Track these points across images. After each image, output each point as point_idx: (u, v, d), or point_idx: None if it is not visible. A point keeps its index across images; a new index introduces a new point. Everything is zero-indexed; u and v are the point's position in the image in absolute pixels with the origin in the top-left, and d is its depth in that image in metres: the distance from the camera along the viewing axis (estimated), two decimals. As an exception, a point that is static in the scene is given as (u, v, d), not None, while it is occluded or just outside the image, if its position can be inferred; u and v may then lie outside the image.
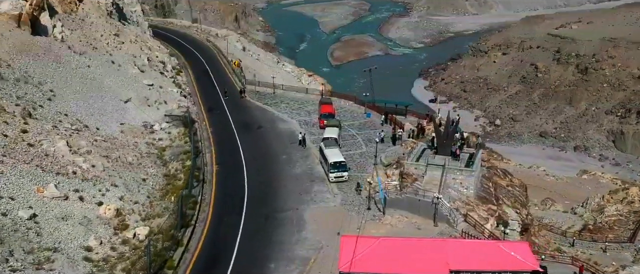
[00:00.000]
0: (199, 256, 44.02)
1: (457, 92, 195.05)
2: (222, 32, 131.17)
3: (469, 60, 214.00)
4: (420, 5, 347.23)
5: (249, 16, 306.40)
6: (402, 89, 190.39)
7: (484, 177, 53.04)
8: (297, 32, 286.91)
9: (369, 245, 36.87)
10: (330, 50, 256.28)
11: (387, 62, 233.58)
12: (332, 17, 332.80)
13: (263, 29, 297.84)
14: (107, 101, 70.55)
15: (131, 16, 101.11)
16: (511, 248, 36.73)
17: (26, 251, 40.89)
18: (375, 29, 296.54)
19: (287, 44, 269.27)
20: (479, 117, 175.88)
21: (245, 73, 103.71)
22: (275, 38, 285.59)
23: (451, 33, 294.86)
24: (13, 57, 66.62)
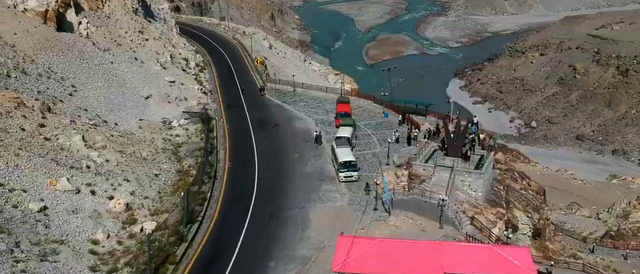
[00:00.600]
0: (202, 252, 44.34)
1: (492, 92, 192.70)
2: (249, 30, 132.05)
3: (506, 60, 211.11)
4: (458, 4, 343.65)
5: (285, 14, 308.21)
6: (437, 89, 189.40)
7: (495, 180, 52.11)
8: (332, 31, 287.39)
9: (364, 246, 36.61)
10: (365, 49, 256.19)
11: (423, 61, 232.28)
12: (368, 15, 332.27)
13: (299, 27, 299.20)
14: (128, 97, 71.79)
15: (158, 14, 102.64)
16: (509, 253, 36.00)
17: (33, 242, 41.81)
18: (411, 28, 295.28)
19: (322, 42, 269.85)
20: (515, 118, 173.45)
21: (271, 71, 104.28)
22: (310, 36, 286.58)
23: (489, 33, 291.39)
24: (37, 53, 68.35)
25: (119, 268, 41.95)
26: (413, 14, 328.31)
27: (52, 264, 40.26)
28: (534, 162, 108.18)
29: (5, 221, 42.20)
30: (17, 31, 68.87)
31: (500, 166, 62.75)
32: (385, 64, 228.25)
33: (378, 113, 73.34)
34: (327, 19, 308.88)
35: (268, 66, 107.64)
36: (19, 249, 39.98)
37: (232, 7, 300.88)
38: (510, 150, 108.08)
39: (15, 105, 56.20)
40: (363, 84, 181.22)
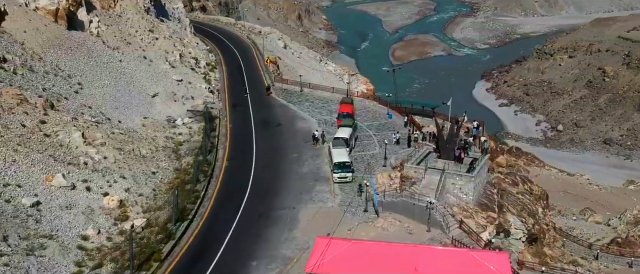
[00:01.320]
0: (188, 249, 44.71)
1: (519, 95, 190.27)
2: (265, 29, 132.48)
3: (534, 62, 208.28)
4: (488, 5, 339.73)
5: (312, 14, 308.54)
6: (463, 90, 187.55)
7: (489, 183, 51.36)
8: (359, 31, 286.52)
9: (339, 248, 36.50)
10: (391, 49, 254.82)
11: (450, 63, 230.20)
12: (396, 16, 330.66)
13: (325, 27, 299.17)
14: (134, 95, 72.67)
15: (173, 13, 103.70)
16: (487, 258, 35.50)
17: (22, 237, 42.60)
18: (439, 29, 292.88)
19: (348, 42, 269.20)
20: (541, 121, 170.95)
21: (284, 71, 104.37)
22: (337, 36, 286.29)
23: (518, 34, 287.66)
24: (45, 51, 69.63)
25: (104, 264, 42.53)
26: (441, 15, 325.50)
27: (38, 258, 40.96)
28: (549, 166, 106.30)
29: (-6, 215, 43.08)
30: (27, 29, 70.25)
31: (502, 170, 61.89)
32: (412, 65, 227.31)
33: (382, 114, 72.89)
34: (354, 20, 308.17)
35: (281, 66, 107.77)
36: (6, 243, 40.75)
37: (260, 7, 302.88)
38: (525, 153, 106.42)
39: (17, 102, 57.30)
40: (388, 85, 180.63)
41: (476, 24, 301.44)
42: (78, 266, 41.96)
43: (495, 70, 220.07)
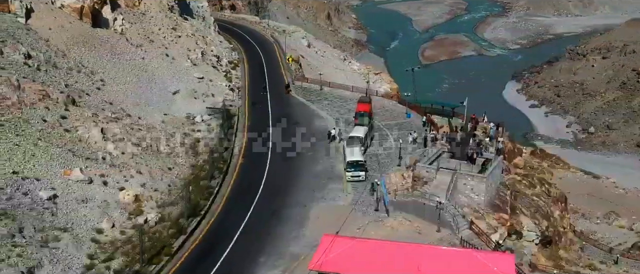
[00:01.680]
0: (198, 245, 45.30)
1: (550, 96, 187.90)
2: (290, 28, 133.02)
3: (566, 63, 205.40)
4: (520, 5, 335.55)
5: (341, 13, 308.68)
6: (493, 91, 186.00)
7: (502, 184, 50.84)
8: (389, 30, 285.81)
9: (343, 246, 36.59)
10: (421, 49, 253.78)
11: (480, 63, 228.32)
12: (426, 15, 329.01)
13: (355, 26, 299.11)
14: (156, 92, 73.77)
15: (197, 11, 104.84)
16: (490, 259, 35.22)
17: (37, 229, 43.65)
18: (470, 28, 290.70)
19: (378, 41, 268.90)
20: (572, 123, 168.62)
21: (307, 69, 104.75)
22: (366, 35, 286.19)
23: (550, 35, 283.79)
24: (70, 48, 71.12)
25: (115, 257, 43.32)
26: (472, 15, 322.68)
27: (51, 250, 41.94)
28: (574, 168, 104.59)
29: (12, 207, 44.25)
30: (52, 26, 71.82)
31: (519, 171, 61.23)
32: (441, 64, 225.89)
33: (401, 114, 72.66)
34: (384, 19, 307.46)
35: (304, 65, 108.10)
36: (21, 234, 41.81)
37: (289, 6, 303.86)
38: (550, 155, 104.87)
39: (40, 97, 58.69)
40: (417, 84, 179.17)
41: (508, 24, 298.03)
42: (90, 258, 42.83)
43: (526, 71, 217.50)
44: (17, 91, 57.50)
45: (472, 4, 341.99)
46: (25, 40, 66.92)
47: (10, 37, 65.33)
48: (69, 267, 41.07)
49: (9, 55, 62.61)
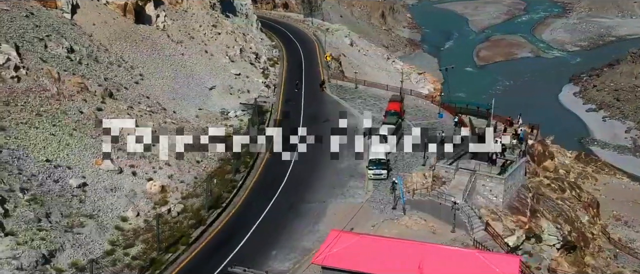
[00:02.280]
0: (215, 235, 46.56)
1: (609, 100, 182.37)
2: (334, 26, 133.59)
3: (627, 66, 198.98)
4: (581, 6, 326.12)
5: (396, 13, 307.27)
6: (549, 94, 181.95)
7: (524, 187, 50.10)
8: (444, 30, 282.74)
9: (348, 241, 37.08)
10: (476, 49, 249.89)
11: (537, 64, 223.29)
12: (483, 15, 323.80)
13: (410, 25, 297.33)
14: (193, 87, 75.80)
15: (240, 9, 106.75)
16: (494, 261, 35.02)
17: (64, 215, 45.80)
18: (528, 29, 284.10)
19: (432, 41, 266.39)
20: (631, 128, 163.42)
21: (348, 68, 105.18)
22: (421, 35, 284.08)
23: (613, 37, 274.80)
24: (112, 43, 73.90)
25: (135, 244, 45.01)
26: (531, 15, 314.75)
27: (75, 235, 43.93)
28: (620, 174, 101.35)
29: (42, 193, 46.49)
30: (96, 22, 74.79)
31: (549, 174, 60.10)
32: (496, 66, 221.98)
33: (434, 114, 72.30)
34: (440, 18, 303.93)
35: (345, 63, 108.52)
36: (48, 219, 43.92)
37: (343, 4, 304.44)
38: (595, 160, 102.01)
39: (78, 89, 61.32)
40: (471, 85, 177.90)
41: (568, 25, 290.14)
42: (112, 244, 44.65)
43: (584, 73, 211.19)
44: (57, 83, 60.22)
45: (531, 4, 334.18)
46: (69, 35, 69.95)
47: (55, 31, 68.40)
48: (90, 252, 42.89)
49: (52, 49, 65.58)
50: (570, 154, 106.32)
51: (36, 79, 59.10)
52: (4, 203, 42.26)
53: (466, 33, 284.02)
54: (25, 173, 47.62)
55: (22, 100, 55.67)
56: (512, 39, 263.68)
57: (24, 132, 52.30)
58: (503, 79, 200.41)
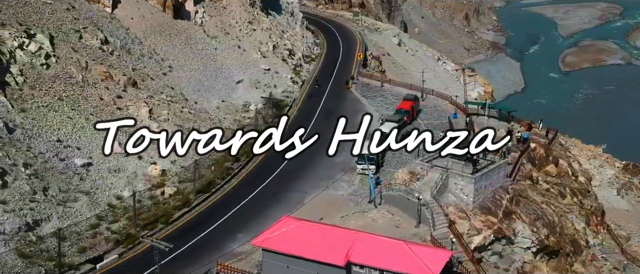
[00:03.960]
0: (194, 217, 49.56)
1: None
2: (384, 26, 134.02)
3: None
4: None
5: (481, 15, 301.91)
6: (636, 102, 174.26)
7: (503, 188, 49.69)
8: (530, 34, 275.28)
9: (288, 226, 38.93)
10: (562, 55, 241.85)
11: (627, 72, 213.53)
12: (574, 20, 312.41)
13: (495, 28, 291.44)
14: (220, 80, 79.40)
15: (286, 7, 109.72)
16: (422, 253, 35.84)
17: (62, 190, 50.23)
18: (621, 35, 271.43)
19: (516, 45, 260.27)
20: None
21: (392, 68, 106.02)
22: (505, 38, 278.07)
23: None
24: (147, 36, 78.73)
25: (119, 221, 48.66)
26: (627, 20, 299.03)
27: (65, 208, 48.14)
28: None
29: (45, 169, 51.12)
30: (134, 16, 79.90)
31: (550, 179, 58.97)
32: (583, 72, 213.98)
33: (450, 114, 72.19)
34: (527, 22, 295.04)
35: (389, 62, 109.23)
36: (44, 193, 48.35)
37: (425, 5, 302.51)
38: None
39: (103, 78, 66.25)
40: (552, 92, 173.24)
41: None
42: (99, 219, 48.48)
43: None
44: (83, 71, 65.35)
45: (628, 8, 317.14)
46: (106, 27, 75.28)
47: (92, 24, 73.86)
48: (75, 224, 46.87)
49: (86, 41, 70.94)
50: (618, 164, 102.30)
51: (64, 67, 64.42)
52: (4, 176, 46.97)
53: (553, 37, 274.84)
54: (34, 151, 52.48)
55: (47, 85, 60.94)
56: (603, 45, 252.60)
57: (42, 114, 57.42)
58: (588, 87, 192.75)
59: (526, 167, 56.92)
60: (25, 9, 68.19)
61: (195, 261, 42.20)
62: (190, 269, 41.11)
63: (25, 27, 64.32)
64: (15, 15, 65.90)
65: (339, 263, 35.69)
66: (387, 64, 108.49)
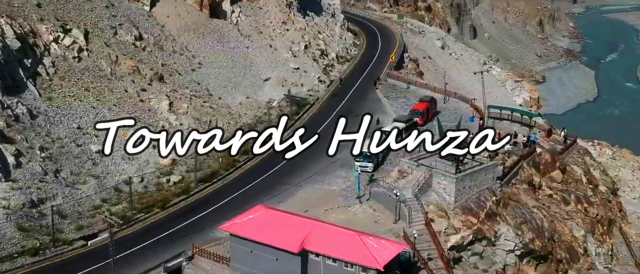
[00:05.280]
0: (189, 204, 52.24)
1: None
2: (430, 29, 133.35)
3: None
4: None
5: (557, 21, 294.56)
6: None
7: (489, 189, 49.55)
8: (609, 42, 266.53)
9: (255, 213, 40.89)
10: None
11: None
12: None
13: (571, 35, 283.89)
14: (248, 78, 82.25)
15: (327, 8, 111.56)
16: (371, 245, 36.90)
17: (74, 173, 54.21)
18: None
19: (593, 53, 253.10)
20: None
21: (431, 70, 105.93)
22: (581, 46, 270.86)
23: None
24: (181, 34, 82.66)
25: (120, 203, 51.99)
26: None
27: (72, 190, 51.98)
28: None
29: (60, 153, 55.29)
30: (170, 15, 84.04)
31: (555, 185, 58.09)
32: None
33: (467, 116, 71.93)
34: (607, 29, 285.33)
35: (429, 65, 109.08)
36: (55, 174, 52.36)
37: (497, 10, 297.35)
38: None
39: (130, 72, 70.42)
40: (627, 102, 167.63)
41: None
42: (103, 201, 52.05)
43: None
44: (112, 65, 69.70)
45: None
46: (142, 24, 79.70)
47: (129, 21, 78.39)
48: (79, 203, 50.57)
49: (121, 36, 75.46)
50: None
51: (95, 60, 69.00)
52: (20, 157, 51.27)
53: (634, 46, 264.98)
54: (52, 136, 56.82)
55: (76, 77, 65.55)
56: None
57: (67, 103, 61.95)
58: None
59: (527, 171, 56.35)
60: (66, 6, 73.35)
61: (177, 243, 44.68)
62: (170, 250, 43.59)
63: (62, 23, 69.24)
64: (55, 11, 70.98)
65: (294, 249, 37.26)
66: (427, 67, 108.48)
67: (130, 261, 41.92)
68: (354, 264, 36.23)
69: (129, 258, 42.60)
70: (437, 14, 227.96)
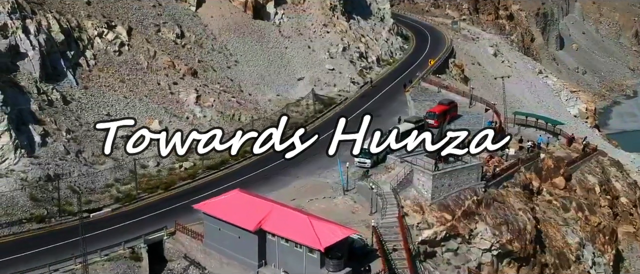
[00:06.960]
0: (190, 188, 56.18)
1: None
2: (485, 35, 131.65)
3: None
4: None
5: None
6: None
7: (470, 189, 50.10)
8: None
9: (227, 196, 44.19)
10: None
11: None
12: None
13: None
14: (282, 76, 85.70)
15: (377, 13, 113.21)
16: (318, 227, 39.13)
17: (95, 154, 59.42)
18: None
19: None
20: None
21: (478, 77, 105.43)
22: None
23: None
24: (222, 33, 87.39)
25: (130, 183, 56.55)
26: None
27: (89, 169, 57.11)
28: None
29: (85, 136, 60.69)
30: (214, 15, 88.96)
31: (557, 192, 57.52)
32: None
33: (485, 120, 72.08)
34: None
35: (477, 72, 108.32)
36: (76, 155, 57.69)
37: (589, 20, 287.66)
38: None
39: (165, 66, 75.65)
40: None
41: None
42: (116, 181, 56.86)
43: None
44: (149, 60, 75.16)
45: None
46: (185, 23, 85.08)
47: (173, 20, 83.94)
48: (93, 181, 55.63)
49: (163, 34, 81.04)
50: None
51: (134, 55, 74.69)
52: (46, 137, 56.97)
53: None
54: (82, 120, 62.49)
55: (114, 69, 71.37)
56: None
57: (102, 92, 67.73)
58: None
59: (524, 175, 56.25)
60: (115, 5, 79.71)
61: (166, 220, 48.53)
62: (157, 225, 47.57)
63: (107, 20, 75.41)
64: (103, 9, 77.37)
65: (250, 228, 40.09)
66: (475, 73, 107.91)
67: (121, 233, 46.25)
68: (302, 245, 38.54)
69: (119, 230, 46.99)
70: (520, 22, 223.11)
